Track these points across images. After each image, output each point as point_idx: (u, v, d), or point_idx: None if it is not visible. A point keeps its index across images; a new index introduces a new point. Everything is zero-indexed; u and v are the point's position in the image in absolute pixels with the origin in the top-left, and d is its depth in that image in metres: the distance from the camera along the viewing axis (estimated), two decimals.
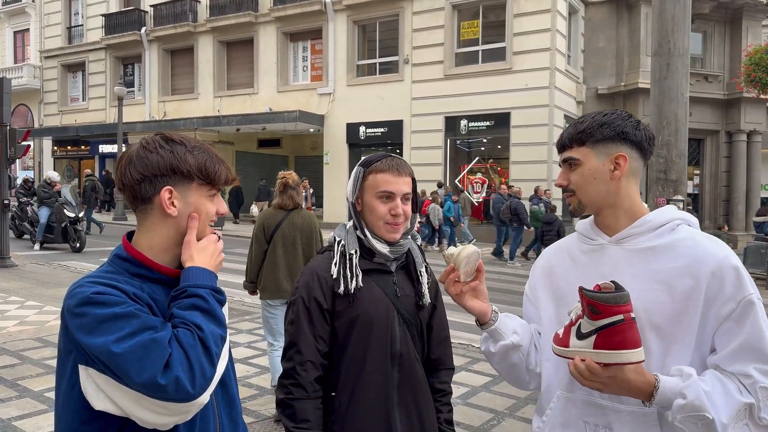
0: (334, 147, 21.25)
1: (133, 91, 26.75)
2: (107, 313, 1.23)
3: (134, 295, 1.30)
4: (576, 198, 1.57)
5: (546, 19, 17.79)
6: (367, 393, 1.84)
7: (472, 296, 1.69)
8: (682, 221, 1.53)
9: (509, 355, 1.69)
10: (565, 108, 18.78)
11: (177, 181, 1.39)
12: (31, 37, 30.56)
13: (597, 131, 1.53)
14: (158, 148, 1.40)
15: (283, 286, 4.58)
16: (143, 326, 1.24)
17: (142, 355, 1.20)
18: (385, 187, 1.87)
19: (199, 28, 24.37)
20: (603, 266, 1.54)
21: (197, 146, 1.44)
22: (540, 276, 1.72)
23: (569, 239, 1.71)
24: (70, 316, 1.26)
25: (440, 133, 19.44)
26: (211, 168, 1.42)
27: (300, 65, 22.89)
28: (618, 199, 1.54)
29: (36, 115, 30.16)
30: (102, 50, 27.46)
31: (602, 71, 20.20)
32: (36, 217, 14.27)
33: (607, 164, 1.52)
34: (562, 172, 1.60)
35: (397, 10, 20.20)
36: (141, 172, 1.38)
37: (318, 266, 1.91)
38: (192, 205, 1.41)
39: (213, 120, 22.33)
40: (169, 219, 1.39)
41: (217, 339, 1.30)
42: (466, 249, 1.65)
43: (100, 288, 1.27)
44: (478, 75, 18.71)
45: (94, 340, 1.21)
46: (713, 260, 1.44)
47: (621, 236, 1.54)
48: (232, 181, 1.49)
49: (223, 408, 1.47)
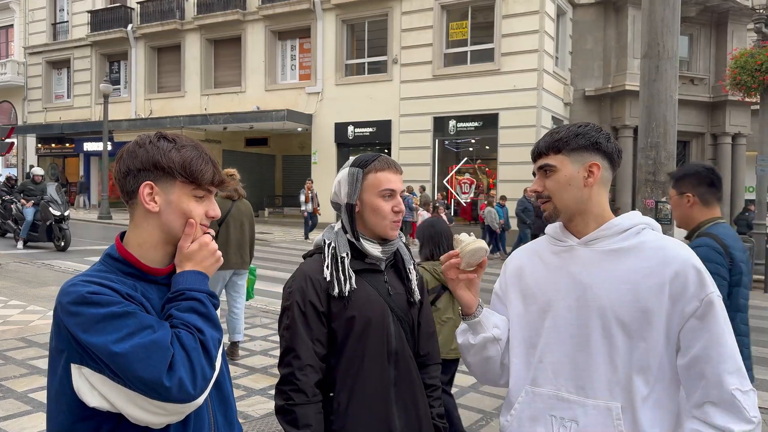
0: (323, 146, 21.21)
1: (119, 89, 26.54)
2: (103, 312, 1.23)
3: (127, 295, 1.30)
4: (552, 204, 1.65)
5: (534, 21, 17.87)
6: (366, 391, 1.84)
7: (466, 286, 1.74)
8: (646, 225, 1.62)
9: (487, 348, 1.74)
10: (553, 109, 18.88)
11: (159, 177, 1.38)
12: (15, 33, 30.20)
13: (573, 140, 1.62)
14: (147, 144, 1.40)
15: (231, 259, 5.85)
16: (141, 326, 1.24)
17: (145, 356, 1.21)
18: (387, 185, 1.88)
19: (187, 26, 24.21)
20: (572, 266, 1.63)
21: (189, 145, 1.42)
22: (511, 275, 1.79)
23: (539, 241, 1.78)
24: (65, 315, 1.25)
25: (429, 134, 19.46)
26: (196, 166, 1.39)
27: (288, 64, 22.82)
28: (589, 205, 1.63)
29: (20, 112, 29.81)
30: (87, 47, 27.20)
31: (589, 73, 20.32)
32: (20, 215, 14.10)
33: (581, 172, 1.61)
34: (538, 179, 1.68)
35: (385, 10, 20.19)
36: (127, 166, 1.39)
37: (310, 270, 1.90)
38: (174, 203, 1.38)
39: (200, 118, 22.21)
40: (152, 215, 1.38)
41: (215, 342, 1.33)
42: (477, 242, 1.69)
43: (94, 287, 1.27)
44: (466, 76, 18.75)
45: (93, 339, 1.22)
46: (677, 261, 1.52)
47: (589, 238, 1.63)
48: (220, 183, 1.45)
49: (218, 408, 1.47)
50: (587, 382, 1.55)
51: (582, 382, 1.55)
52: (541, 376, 1.61)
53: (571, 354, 1.57)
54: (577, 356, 1.56)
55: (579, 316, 1.58)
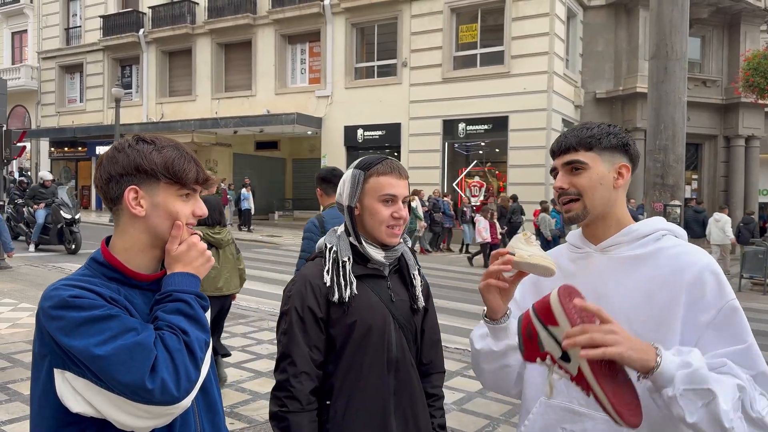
0: (332, 150, 21.21)
1: (131, 93, 26.70)
2: (85, 316, 1.22)
3: (111, 299, 1.28)
4: (581, 203, 1.55)
5: (545, 23, 17.78)
6: (364, 400, 1.80)
7: (497, 293, 1.59)
8: (668, 232, 1.54)
9: (508, 356, 1.66)
10: (564, 112, 18.77)
11: (142, 181, 1.36)
12: (29, 38, 30.50)
13: (605, 139, 1.54)
14: (126, 148, 1.38)
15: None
16: (124, 328, 1.23)
17: (127, 358, 1.19)
18: (388, 190, 1.83)
19: (197, 30, 24.33)
20: (588, 275, 1.55)
21: (168, 146, 1.40)
22: (529, 283, 1.70)
23: (560, 249, 1.72)
24: (46, 319, 1.24)
25: (438, 137, 19.41)
26: (179, 166, 1.37)
27: (298, 68, 22.86)
28: (614, 209, 1.56)
29: (33, 116, 30.08)
30: (100, 51, 27.41)
31: (600, 75, 20.20)
32: (32, 218, 14.20)
33: (611, 172, 1.54)
34: (563, 176, 1.58)
35: (395, 13, 20.18)
36: (108, 172, 1.37)
37: (310, 274, 1.86)
38: (160, 205, 1.37)
39: (210, 122, 22.28)
40: (139, 220, 1.37)
41: (201, 344, 1.30)
42: (545, 260, 1.46)
43: (76, 291, 1.26)
44: (476, 78, 18.69)
45: (75, 343, 1.20)
46: (694, 268, 1.45)
47: (606, 244, 1.56)
48: (204, 181, 1.43)
49: (205, 414, 1.45)
50: None
51: None
52: (555, 388, 1.52)
53: None
54: None
55: None
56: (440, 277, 12.37)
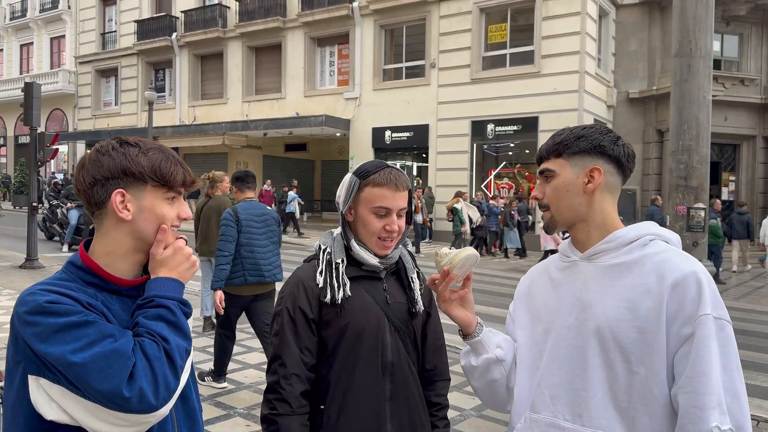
0: (360, 151, 21.21)
1: (164, 96, 27.16)
2: (61, 322, 1.19)
3: (88, 304, 1.25)
4: (549, 212, 1.55)
5: (575, 22, 17.50)
6: (358, 405, 1.76)
7: (459, 305, 1.63)
8: (656, 237, 1.47)
9: (491, 370, 1.62)
10: (596, 112, 18.44)
11: (129, 184, 1.34)
12: (67, 43, 31.26)
13: (573, 143, 1.51)
14: (111, 150, 1.35)
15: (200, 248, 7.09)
16: (101, 335, 1.20)
17: (104, 366, 1.16)
18: (381, 202, 1.77)
19: (229, 34, 24.62)
20: (574, 283, 1.52)
21: (154, 148, 1.38)
22: (521, 294, 1.69)
23: (552, 258, 1.68)
24: (21, 325, 1.22)
25: (467, 138, 19.26)
26: (166, 169, 1.35)
27: (327, 70, 22.95)
28: (590, 213, 1.51)
29: (70, 120, 30.83)
30: (134, 56, 27.94)
31: (634, 74, 19.79)
32: (65, 219, 14.52)
33: (581, 177, 1.50)
34: (539, 185, 1.57)
35: (424, 14, 20.10)
36: (93, 176, 1.34)
37: (304, 275, 1.84)
38: (146, 208, 1.34)
39: (241, 124, 22.54)
40: (124, 224, 1.34)
41: (182, 352, 1.28)
42: (466, 250, 1.58)
43: (52, 297, 1.23)
44: (505, 79, 18.49)
45: (51, 350, 1.18)
46: (675, 275, 1.37)
47: (591, 252, 1.51)
48: (191, 184, 1.41)
49: (184, 422, 1.42)
50: (584, 409, 1.41)
51: (579, 410, 1.42)
52: (539, 402, 1.50)
53: (569, 378, 1.45)
54: (574, 381, 1.44)
55: (577, 336, 1.45)
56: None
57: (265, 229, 5.26)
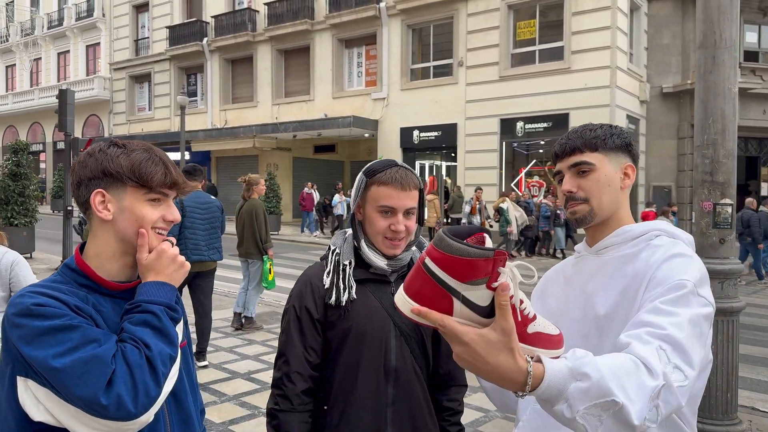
0: (388, 151, 21.20)
1: (195, 101, 27.59)
2: (46, 325, 1.20)
3: (76, 307, 1.26)
4: (588, 206, 1.50)
5: (606, 17, 17.19)
6: (359, 408, 1.75)
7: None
8: (662, 232, 1.46)
9: None
10: (628, 108, 18.09)
11: (109, 184, 1.34)
12: (102, 50, 31.99)
13: (609, 139, 1.51)
14: (97, 152, 1.37)
15: (239, 250, 7.53)
16: (84, 340, 1.20)
17: (83, 372, 1.17)
18: (386, 201, 1.75)
19: (258, 38, 24.88)
20: (581, 277, 1.54)
21: (139, 149, 1.37)
22: (537, 294, 1.68)
23: (570, 257, 1.68)
24: (9, 326, 1.23)
25: (495, 136, 19.09)
26: (145, 168, 1.34)
27: (354, 71, 23.02)
28: (619, 210, 1.53)
29: (106, 125, 31.54)
30: (166, 61, 28.45)
31: (667, 69, 19.34)
32: None
33: (618, 173, 1.51)
34: (570, 179, 1.52)
35: (451, 13, 20.00)
36: (79, 177, 1.36)
37: (313, 274, 1.84)
38: (127, 209, 1.34)
39: (270, 127, 22.77)
40: (107, 224, 1.35)
41: (165, 358, 1.27)
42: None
43: (41, 299, 1.24)
44: (534, 75, 18.27)
45: (35, 353, 1.19)
46: (666, 255, 1.36)
47: (600, 246, 1.53)
48: (173, 185, 1.39)
49: (178, 426, 1.42)
50: None
51: None
52: None
53: None
54: None
55: (580, 327, 1.46)
56: None
57: (208, 215, 6.10)
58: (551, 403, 1.05)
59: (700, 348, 1.22)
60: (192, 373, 1.54)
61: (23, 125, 35.73)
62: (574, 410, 1.03)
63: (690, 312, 1.23)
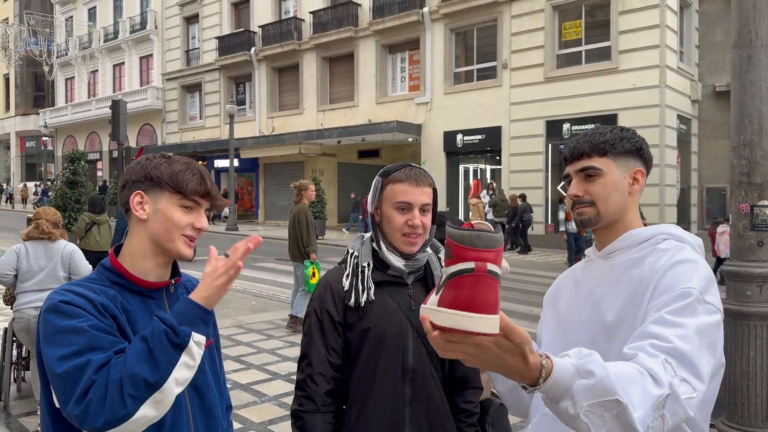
0: (432, 156, 21.20)
1: (244, 109, 28.20)
2: (64, 325, 1.29)
3: (101, 305, 1.34)
4: (595, 209, 1.51)
5: (654, 15, 16.77)
6: (377, 408, 1.80)
7: None
8: (670, 236, 1.45)
9: None
10: (679, 108, 17.58)
11: (149, 188, 1.46)
12: (155, 61, 33.07)
13: (619, 143, 1.51)
14: (144, 161, 1.49)
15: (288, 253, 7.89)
16: (89, 346, 1.27)
17: (67, 379, 1.25)
18: (402, 197, 1.82)
19: (304, 46, 25.28)
20: (590, 281, 1.54)
21: (181, 161, 1.49)
22: (548, 298, 1.70)
23: (581, 261, 1.68)
24: (41, 321, 1.34)
25: (541, 138, 18.83)
26: (182, 177, 1.45)
27: (398, 76, 23.11)
28: (626, 215, 1.53)
29: (159, 134, 32.55)
30: (216, 71, 29.19)
31: (720, 67, 18.71)
32: None
33: (626, 177, 1.51)
34: (577, 183, 1.53)
35: (495, 15, 19.86)
36: (124, 180, 1.49)
37: (332, 278, 1.91)
38: (160, 211, 1.44)
39: (316, 133, 23.06)
40: (142, 224, 1.46)
41: (137, 382, 1.23)
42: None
43: (69, 297, 1.33)
44: (581, 76, 17.95)
45: (47, 351, 1.29)
46: (672, 260, 1.36)
47: (608, 250, 1.54)
48: (206, 195, 1.48)
49: (200, 420, 1.48)
50: None
51: None
52: None
53: None
54: None
55: (587, 332, 1.46)
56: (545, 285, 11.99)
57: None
58: (556, 400, 1.06)
59: (710, 357, 1.22)
60: (218, 370, 1.62)
61: (81, 135, 37.23)
62: (578, 407, 1.05)
63: (697, 321, 1.23)
